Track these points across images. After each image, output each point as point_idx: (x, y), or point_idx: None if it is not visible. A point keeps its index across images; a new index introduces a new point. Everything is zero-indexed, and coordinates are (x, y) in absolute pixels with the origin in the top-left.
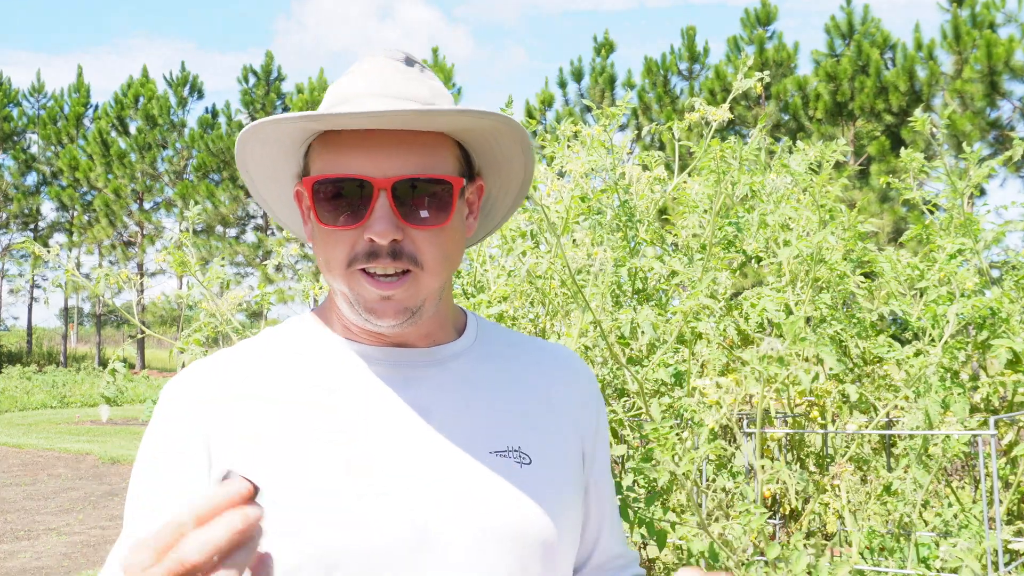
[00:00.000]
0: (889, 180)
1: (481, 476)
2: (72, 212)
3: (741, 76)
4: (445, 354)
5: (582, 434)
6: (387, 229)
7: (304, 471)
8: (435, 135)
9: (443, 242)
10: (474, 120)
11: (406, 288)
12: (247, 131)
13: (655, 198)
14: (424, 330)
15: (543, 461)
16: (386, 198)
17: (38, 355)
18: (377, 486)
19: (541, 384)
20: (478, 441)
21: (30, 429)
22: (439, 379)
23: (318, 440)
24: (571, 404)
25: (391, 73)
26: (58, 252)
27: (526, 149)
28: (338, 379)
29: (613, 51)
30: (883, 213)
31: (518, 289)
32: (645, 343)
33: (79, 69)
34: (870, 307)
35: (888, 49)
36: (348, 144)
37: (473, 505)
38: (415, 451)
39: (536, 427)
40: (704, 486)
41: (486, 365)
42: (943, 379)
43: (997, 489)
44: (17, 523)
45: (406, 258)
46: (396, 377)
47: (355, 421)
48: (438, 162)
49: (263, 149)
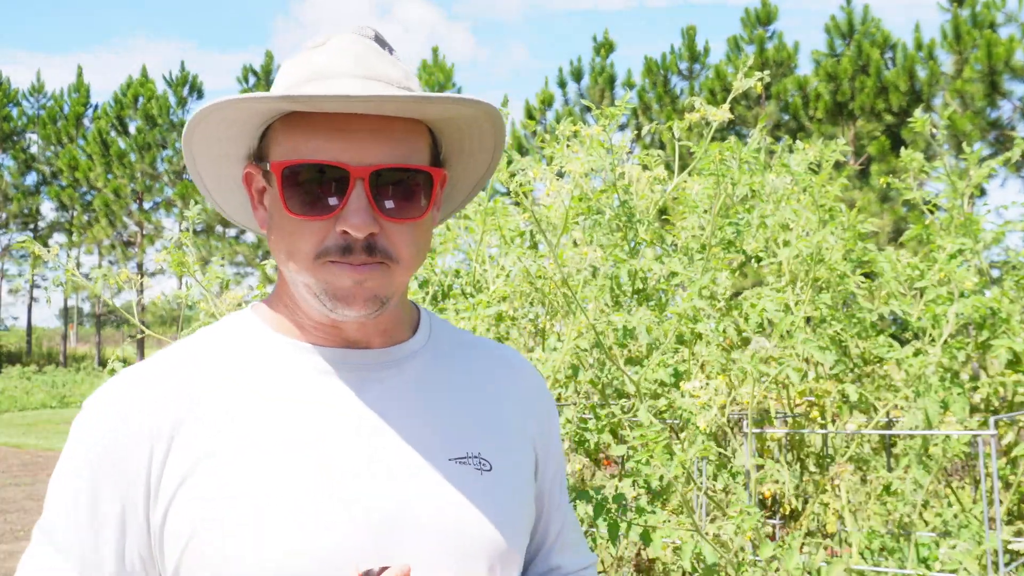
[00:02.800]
0: (889, 180)
1: (442, 485)
2: (72, 212)
3: (741, 76)
4: (401, 354)
5: (534, 439)
6: (364, 222)
7: (261, 479)
8: (411, 122)
9: (417, 237)
10: (459, 109)
11: (380, 277)
12: (211, 107)
13: (655, 198)
14: (382, 326)
15: (502, 468)
16: (363, 188)
17: (38, 355)
18: (336, 493)
19: (494, 387)
20: (438, 447)
21: (30, 429)
22: (396, 381)
23: (274, 447)
24: (523, 408)
25: (364, 51)
26: (58, 252)
27: (499, 139)
28: (292, 383)
29: (613, 51)
30: (883, 213)
31: (517, 289)
32: (644, 343)
33: (79, 69)
34: (870, 307)
35: (888, 49)
36: (321, 127)
37: (434, 515)
38: (374, 458)
39: (493, 432)
40: (704, 487)
41: (441, 367)
42: (943, 379)
43: (997, 489)
44: (17, 523)
45: (379, 253)
46: (353, 380)
47: (312, 427)
48: (415, 151)
49: (215, 129)
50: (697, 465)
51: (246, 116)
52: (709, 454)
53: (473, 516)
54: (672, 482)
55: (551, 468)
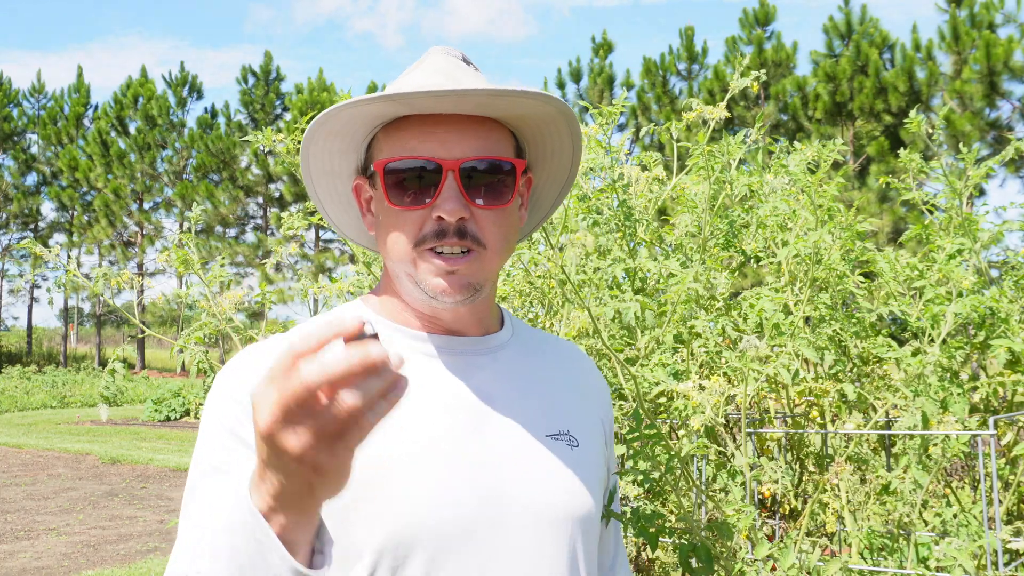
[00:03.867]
0: (888, 180)
1: (541, 457)
2: (72, 212)
3: (738, 75)
4: (495, 343)
5: (604, 424)
6: (456, 208)
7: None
8: (495, 123)
9: (504, 224)
10: (535, 106)
11: (470, 264)
12: (320, 119)
13: (653, 198)
14: (478, 316)
15: (586, 445)
16: (454, 179)
17: (38, 355)
18: (450, 470)
19: (571, 377)
20: (535, 425)
21: (30, 429)
22: (494, 367)
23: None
24: (594, 397)
25: (453, 67)
26: (58, 252)
27: (576, 142)
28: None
29: (612, 51)
30: (882, 213)
31: (517, 289)
32: (643, 344)
33: (79, 69)
34: (869, 307)
35: (887, 49)
36: (415, 131)
37: (535, 485)
38: (482, 434)
39: (576, 414)
40: (704, 486)
41: (527, 356)
42: (942, 379)
43: (997, 489)
44: (17, 523)
45: (470, 237)
46: (458, 364)
47: (426, 406)
48: (499, 147)
49: (327, 143)
50: (696, 465)
51: (351, 126)
52: (703, 452)
53: (567, 485)
54: (668, 480)
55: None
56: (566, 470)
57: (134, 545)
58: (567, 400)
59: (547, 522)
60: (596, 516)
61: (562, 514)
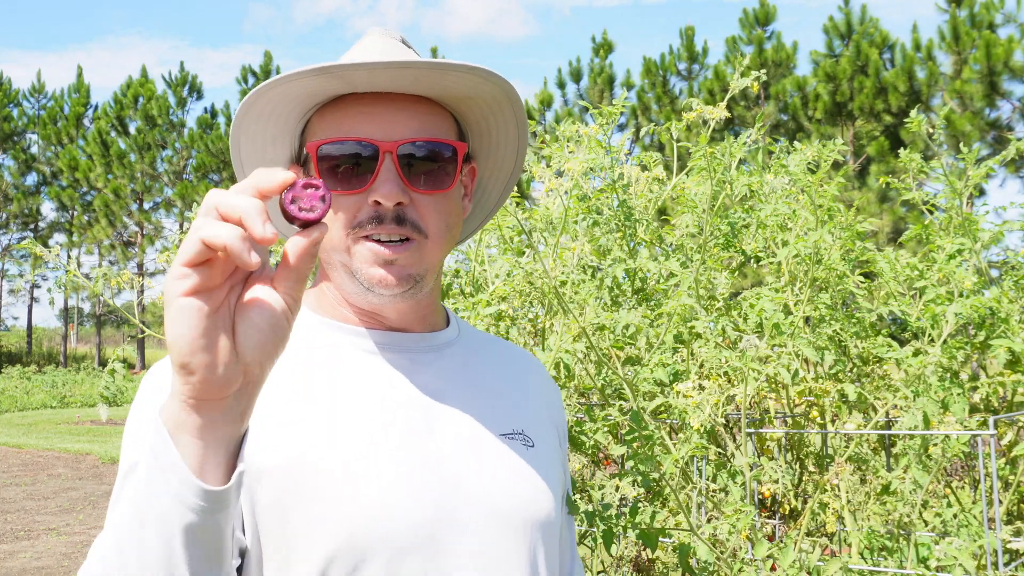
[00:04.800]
0: (888, 180)
1: (498, 456)
2: (72, 212)
3: (738, 75)
4: (442, 340)
5: (557, 425)
6: (393, 191)
7: (318, 453)
8: (435, 106)
9: (445, 210)
10: (478, 86)
11: (410, 254)
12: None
13: (653, 198)
14: (422, 312)
15: (542, 445)
16: (391, 161)
17: (38, 355)
18: (402, 470)
19: (521, 377)
20: (488, 424)
21: (30, 429)
22: (442, 364)
23: (335, 429)
24: (545, 398)
25: (391, 46)
26: (58, 252)
27: (522, 129)
28: (347, 367)
29: (612, 51)
30: (882, 213)
31: (517, 289)
32: (643, 344)
33: (79, 70)
34: (869, 307)
35: (887, 49)
36: (352, 112)
37: (492, 486)
38: (434, 435)
39: (529, 414)
40: (702, 487)
41: (476, 355)
42: (942, 379)
43: (997, 489)
44: (17, 523)
45: (409, 224)
46: (403, 361)
47: (372, 407)
48: (440, 129)
49: (259, 128)
50: (696, 465)
51: (283, 108)
52: (702, 453)
53: (524, 486)
54: (667, 481)
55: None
56: (525, 469)
57: None
58: (519, 400)
59: (508, 524)
60: (557, 518)
61: (523, 515)
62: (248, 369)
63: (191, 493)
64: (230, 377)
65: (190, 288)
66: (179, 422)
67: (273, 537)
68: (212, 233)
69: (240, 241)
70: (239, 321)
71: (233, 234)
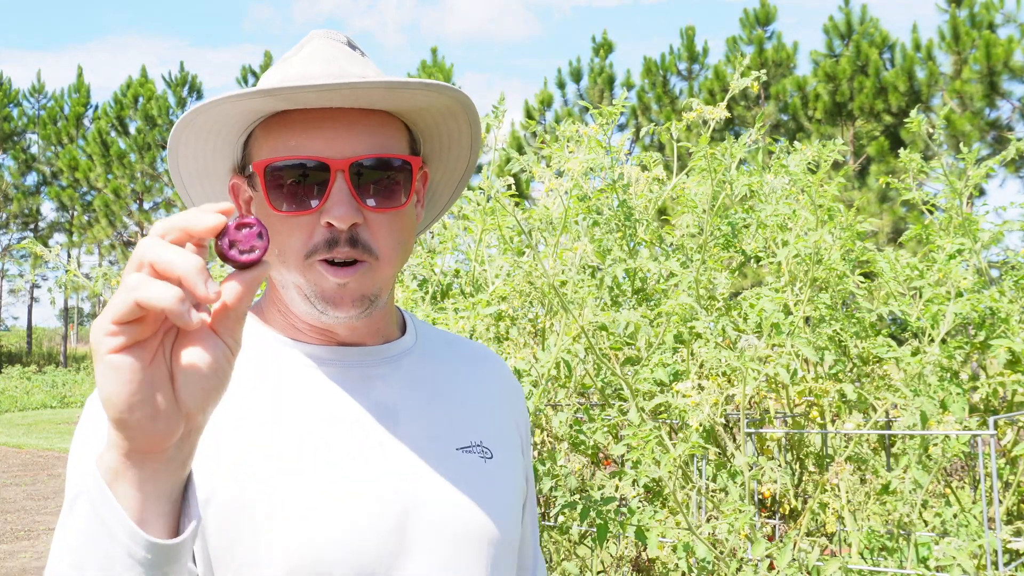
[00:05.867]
0: (888, 180)
1: (452, 473)
2: (72, 212)
3: (738, 75)
4: (396, 351)
5: (518, 426)
6: (347, 213)
7: (275, 485)
8: (387, 117)
9: (399, 228)
10: (433, 98)
11: (361, 277)
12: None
13: (653, 198)
14: (375, 325)
15: (501, 455)
16: (343, 180)
17: (38, 355)
18: (355, 490)
19: (480, 381)
20: (444, 437)
21: (30, 429)
22: (395, 377)
23: (286, 450)
24: (506, 399)
25: (336, 55)
26: (58, 252)
27: (475, 133)
28: (297, 384)
29: (612, 51)
30: (882, 213)
31: (517, 289)
32: (643, 344)
33: (79, 70)
34: (869, 307)
35: (887, 49)
36: (299, 127)
37: (447, 506)
38: (388, 453)
39: (488, 422)
40: (702, 487)
41: (432, 363)
42: (942, 379)
43: (997, 489)
44: (17, 523)
45: (361, 247)
46: (353, 377)
47: (323, 426)
48: (393, 143)
49: (199, 142)
50: (696, 465)
51: (225, 123)
52: (700, 452)
53: (481, 502)
54: (665, 481)
55: (528, 454)
56: (481, 487)
57: None
58: (478, 407)
59: (465, 544)
60: (515, 534)
61: (479, 534)
62: (190, 416)
63: (139, 547)
64: (171, 428)
65: (120, 345)
66: (117, 473)
67: (223, 565)
68: (147, 295)
69: (179, 304)
70: (177, 369)
71: (171, 295)
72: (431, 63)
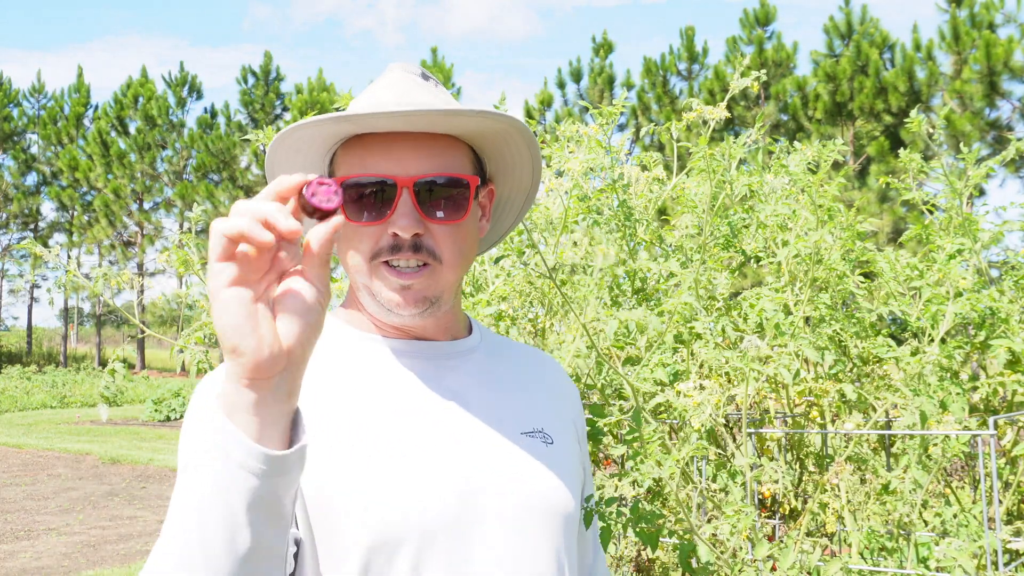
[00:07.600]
0: (888, 180)
1: (516, 454)
2: (72, 212)
3: (738, 75)
4: (465, 347)
5: (576, 425)
6: (409, 224)
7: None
8: (452, 140)
9: (460, 238)
10: (489, 123)
11: (425, 279)
12: (281, 135)
13: (653, 198)
14: (443, 324)
15: (561, 442)
16: (408, 196)
17: (38, 355)
18: (429, 467)
19: (540, 379)
20: (510, 423)
21: (30, 429)
22: (465, 368)
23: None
24: (563, 398)
25: (410, 86)
26: (58, 252)
27: (534, 153)
28: (377, 371)
29: (612, 51)
30: (882, 213)
31: (517, 289)
32: (644, 344)
33: (79, 70)
34: (869, 307)
35: (887, 49)
36: (373, 148)
37: (512, 480)
38: (458, 434)
39: (549, 413)
40: (702, 487)
41: (497, 360)
42: (941, 379)
43: (997, 489)
44: (17, 523)
45: (425, 251)
46: (428, 367)
47: (401, 409)
48: (455, 163)
49: (291, 157)
50: (696, 465)
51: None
52: (703, 454)
53: (544, 481)
54: (667, 482)
55: (585, 446)
56: (543, 466)
57: (134, 545)
58: (539, 400)
59: (529, 515)
60: (576, 512)
61: (543, 507)
62: (291, 350)
63: (253, 458)
64: (275, 357)
65: (229, 280)
66: (234, 403)
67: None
68: (228, 226)
69: (252, 223)
70: (278, 310)
71: (245, 221)
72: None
